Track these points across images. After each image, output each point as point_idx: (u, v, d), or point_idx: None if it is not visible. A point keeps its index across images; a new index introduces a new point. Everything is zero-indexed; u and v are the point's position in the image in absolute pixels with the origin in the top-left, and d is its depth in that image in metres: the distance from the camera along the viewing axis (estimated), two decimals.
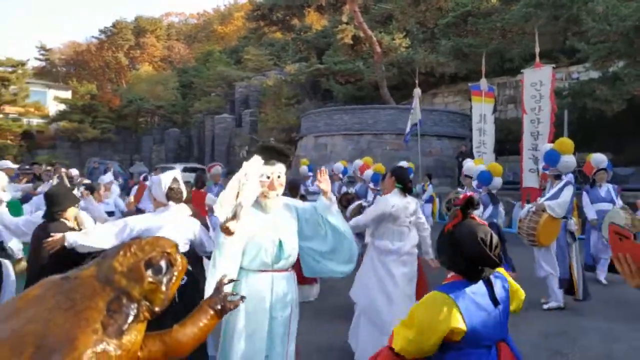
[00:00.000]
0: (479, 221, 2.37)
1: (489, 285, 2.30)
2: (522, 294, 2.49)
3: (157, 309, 0.93)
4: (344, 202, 8.28)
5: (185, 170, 22.50)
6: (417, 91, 15.38)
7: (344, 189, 9.98)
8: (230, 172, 17.21)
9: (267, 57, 35.82)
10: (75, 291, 0.96)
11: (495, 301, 2.28)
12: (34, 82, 42.46)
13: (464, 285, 2.25)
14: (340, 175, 10.84)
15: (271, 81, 29.37)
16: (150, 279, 0.94)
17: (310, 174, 11.44)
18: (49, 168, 14.80)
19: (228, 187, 3.04)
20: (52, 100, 40.81)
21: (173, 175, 4.01)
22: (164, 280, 0.93)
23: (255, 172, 3.16)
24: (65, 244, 3.76)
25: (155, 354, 0.96)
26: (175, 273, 0.93)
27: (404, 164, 11.58)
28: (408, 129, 15.35)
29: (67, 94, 42.61)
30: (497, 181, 7.37)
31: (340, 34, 26.22)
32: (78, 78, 44.29)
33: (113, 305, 0.94)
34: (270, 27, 39.10)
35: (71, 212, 4.33)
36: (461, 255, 2.26)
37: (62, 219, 4.24)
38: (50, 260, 3.93)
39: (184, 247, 3.87)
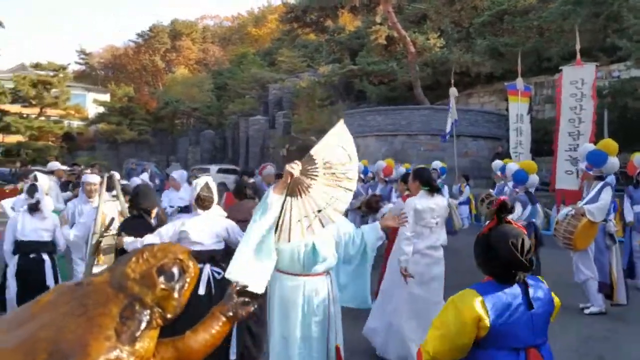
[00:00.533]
0: (515, 225, 2.38)
1: (525, 289, 2.31)
2: (557, 301, 2.46)
3: (169, 315, 0.93)
4: (374, 204, 8.16)
5: (219, 171, 22.80)
6: (453, 90, 15.20)
7: (370, 191, 9.88)
8: (279, 175, 17.28)
9: (301, 58, 35.98)
10: (88, 297, 0.99)
11: (529, 305, 2.28)
12: (75, 85, 43.65)
13: (497, 286, 2.29)
14: (362, 176, 10.67)
15: (304, 83, 29.48)
16: (162, 286, 0.93)
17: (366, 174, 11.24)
18: (87, 170, 15.15)
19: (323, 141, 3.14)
20: (92, 102, 41.89)
21: (205, 182, 4.24)
22: (177, 286, 0.92)
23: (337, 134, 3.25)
24: (124, 246, 4.16)
25: None
26: (188, 279, 0.93)
27: (437, 164, 11.51)
28: (448, 129, 15.06)
29: (106, 97, 43.65)
30: (534, 179, 7.23)
31: (373, 35, 26.12)
32: (116, 81, 45.33)
33: (126, 312, 0.93)
34: (304, 29, 39.23)
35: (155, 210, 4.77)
36: (494, 258, 2.30)
37: (146, 216, 4.61)
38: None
39: (217, 245, 4.18)
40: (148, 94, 48.55)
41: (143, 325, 0.92)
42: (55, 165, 9.97)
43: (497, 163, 10.18)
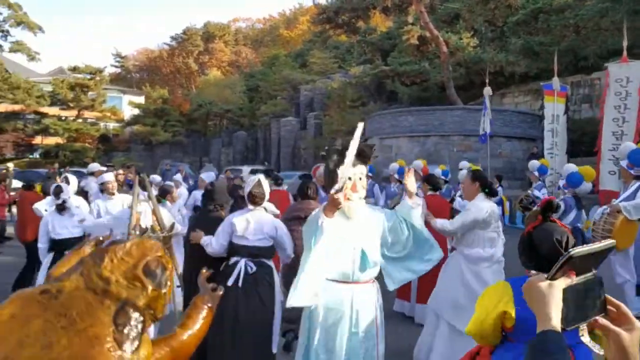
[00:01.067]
0: (559, 224, 2.43)
1: None
2: None
3: (159, 315, 0.85)
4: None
5: (252, 172, 22.90)
6: (487, 90, 14.99)
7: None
8: (306, 175, 17.35)
9: (332, 60, 36.01)
10: (67, 307, 0.94)
11: None
12: (111, 88, 44.57)
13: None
14: (396, 176, 10.68)
15: (336, 84, 29.49)
16: (151, 287, 0.85)
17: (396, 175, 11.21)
18: (120, 171, 15.50)
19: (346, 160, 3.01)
20: (127, 105, 42.70)
21: (257, 180, 4.42)
22: (163, 285, 0.85)
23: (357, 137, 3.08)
24: (201, 242, 4.37)
25: (163, 359, 0.92)
26: (169, 276, 0.86)
27: (464, 164, 11.38)
28: (488, 129, 14.79)
29: (141, 99, 44.44)
30: (586, 186, 7.05)
31: (405, 35, 25.97)
32: (151, 83, 46.06)
33: (120, 318, 0.95)
34: (336, 30, 39.24)
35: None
36: (538, 255, 2.35)
37: (220, 210, 4.83)
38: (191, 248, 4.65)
39: (261, 242, 4.31)
40: (182, 96, 49.24)
41: (140, 329, 0.83)
42: (95, 166, 10.40)
43: (534, 163, 10.04)
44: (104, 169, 11.69)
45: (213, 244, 4.31)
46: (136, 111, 40.26)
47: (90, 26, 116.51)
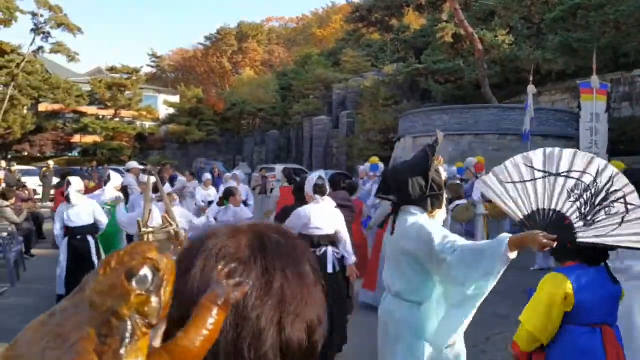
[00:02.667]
0: None
1: (608, 269, 2.68)
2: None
3: (154, 321, 0.80)
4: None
5: (285, 170, 23.02)
6: (531, 88, 14.73)
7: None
8: (343, 175, 17.38)
9: (365, 58, 35.88)
10: (63, 325, 0.91)
11: (614, 280, 2.66)
12: (147, 87, 45.39)
13: (580, 267, 2.64)
14: (459, 176, 10.68)
15: (369, 82, 29.37)
16: (137, 292, 0.79)
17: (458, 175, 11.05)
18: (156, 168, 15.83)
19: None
20: (162, 104, 43.41)
21: (319, 174, 5.12)
22: (153, 288, 0.80)
23: None
24: None
25: None
26: (165, 277, 0.81)
27: (470, 161, 11.31)
28: (528, 127, 14.54)
29: (176, 99, 45.11)
30: None
31: (440, 33, 25.74)
32: (185, 83, 46.69)
33: (103, 329, 0.80)
34: (369, 29, 39.18)
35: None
36: (586, 245, 2.61)
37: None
38: None
39: (331, 230, 4.95)
40: (216, 95, 49.78)
41: (127, 340, 0.78)
42: (133, 164, 10.84)
43: None
44: (141, 167, 12.09)
45: None
46: (171, 110, 40.88)
47: (127, 27, 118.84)
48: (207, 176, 10.93)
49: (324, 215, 4.93)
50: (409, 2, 29.13)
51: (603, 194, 2.61)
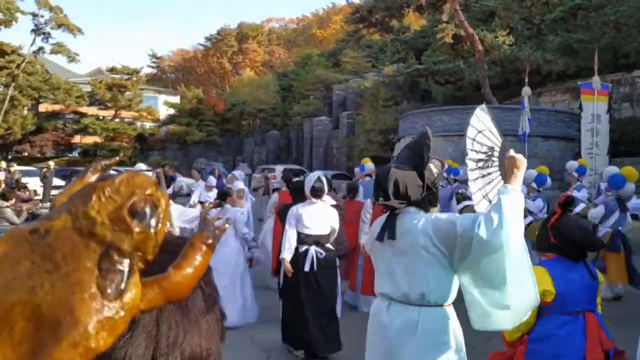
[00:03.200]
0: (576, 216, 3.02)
1: (586, 264, 2.94)
2: (601, 277, 3.05)
3: (149, 257, 0.79)
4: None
5: (284, 171, 22.99)
6: (526, 90, 14.70)
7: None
8: (344, 176, 17.35)
9: (365, 59, 35.88)
10: (53, 249, 0.79)
11: (592, 276, 2.90)
12: (147, 88, 45.38)
13: (560, 261, 2.91)
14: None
15: (369, 83, 29.36)
16: (137, 229, 0.78)
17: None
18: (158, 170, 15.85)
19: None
20: (163, 105, 43.40)
21: (317, 176, 5.18)
22: (152, 225, 0.79)
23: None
24: None
25: (155, 301, 0.86)
26: (161, 215, 0.81)
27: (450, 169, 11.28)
28: (527, 129, 14.50)
29: (176, 99, 45.09)
30: (630, 187, 6.87)
31: (440, 33, 25.73)
32: (186, 84, 46.68)
33: (104, 263, 0.78)
34: (369, 29, 39.18)
35: None
36: (568, 241, 2.88)
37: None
38: None
39: (323, 231, 5.11)
40: (216, 96, 49.77)
41: (126, 274, 0.77)
42: (141, 166, 10.98)
43: (572, 164, 9.83)
44: (150, 168, 12.26)
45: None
46: (171, 111, 40.87)
47: (128, 28, 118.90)
48: (212, 181, 10.88)
49: (316, 216, 5.10)
50: (409, 3, 29.12)
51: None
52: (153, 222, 0.84)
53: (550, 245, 2.95)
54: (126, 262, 0.82)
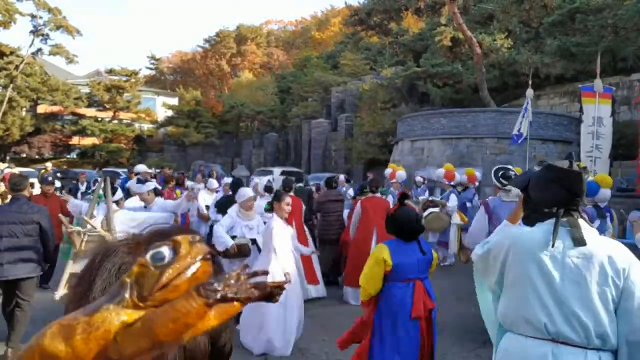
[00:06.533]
0: (412, 207, 4.30)
1: (419, 243, 3.91)
2: (435, 255, 4.05)
3: (144, 293, 0.75)
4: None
5: (283, 173, 23.02)
6: (530, 92, 14.70)
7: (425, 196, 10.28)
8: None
9: (364, 61, 35.91)
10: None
11: (423, 252, 3.87)
12: (145, 89, 45.38)
13: (401, 242, 3.88)
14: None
15: (367, 85, 29.38)
16: (142, 261, 0.75)
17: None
18: (157, 171, 15.86)
19: None
20: (161, 106, 43.41)
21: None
22: (159, 266, 0.75)
23: None
24: None
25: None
26: (180, 262, 0.75)
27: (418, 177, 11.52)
28: (525, 132, 14.40)
29: (174, 101, 45.07)
30: (605, 193, 6.82)
31: (438, 36, 25.75)
32: (184, 85, 46.66)
33: (113, 286, 0.78)
34: (367, 32, 39.23)
35: None
36: (402, 228, 3.89)
37: None
38: None
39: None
40: (214, 97, 49.76)
41: (116, 299, 0.74)
42: (141, 167, 11.13)
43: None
44: (151, 170, 12.34)
45: None
46: (170, 112, 40.85)
47: (126, 30, 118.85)
48: (214, 184, 10.84)
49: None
50: (407, 6, 29.16)
51: None
52: (159, 261, 0.82)
53: (390, 229, 3.95)
54: (122, 289, 0.79)
